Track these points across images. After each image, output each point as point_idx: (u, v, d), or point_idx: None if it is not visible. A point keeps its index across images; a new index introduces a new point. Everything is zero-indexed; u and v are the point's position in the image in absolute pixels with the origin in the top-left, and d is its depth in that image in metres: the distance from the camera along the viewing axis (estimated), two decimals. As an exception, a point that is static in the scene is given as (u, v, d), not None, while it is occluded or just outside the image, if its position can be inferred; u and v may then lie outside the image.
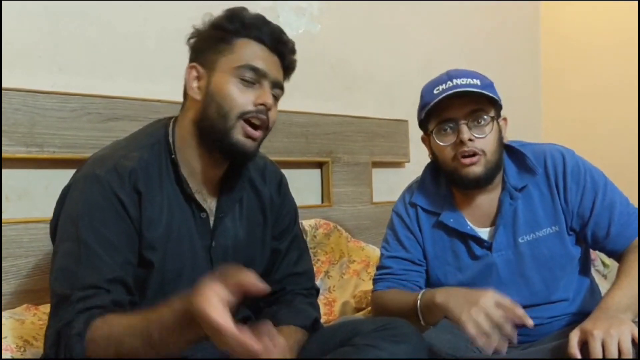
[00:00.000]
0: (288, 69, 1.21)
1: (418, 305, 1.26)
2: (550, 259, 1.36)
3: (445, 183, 1.44)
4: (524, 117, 3.19)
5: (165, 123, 1.20)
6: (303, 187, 2.23)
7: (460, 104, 1.31)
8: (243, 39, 1.14)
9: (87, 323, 0.97)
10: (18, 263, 1.49)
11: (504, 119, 1.40)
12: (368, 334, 1.11)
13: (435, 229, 1.43)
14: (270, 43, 1.16)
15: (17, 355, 1.24)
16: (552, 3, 3.44)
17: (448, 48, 2.86)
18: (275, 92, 1.17)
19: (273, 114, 1.16)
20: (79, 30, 1.69)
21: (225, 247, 1.20)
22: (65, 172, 1.44)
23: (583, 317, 1.19)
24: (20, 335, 1.29)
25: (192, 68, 1.17)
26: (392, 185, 2.50)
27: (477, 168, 1.32)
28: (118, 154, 1.12)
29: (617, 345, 1.05)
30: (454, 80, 1.31)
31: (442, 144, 1.34)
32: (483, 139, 1.32)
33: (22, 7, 1.58)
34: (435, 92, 1.32)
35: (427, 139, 1.42)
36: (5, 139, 1.49)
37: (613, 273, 1.50)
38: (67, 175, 1.17)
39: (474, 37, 3.05)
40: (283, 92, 1.20)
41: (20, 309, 1.41)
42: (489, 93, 1.31)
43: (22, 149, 1.52)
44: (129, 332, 0.94)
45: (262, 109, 1.13)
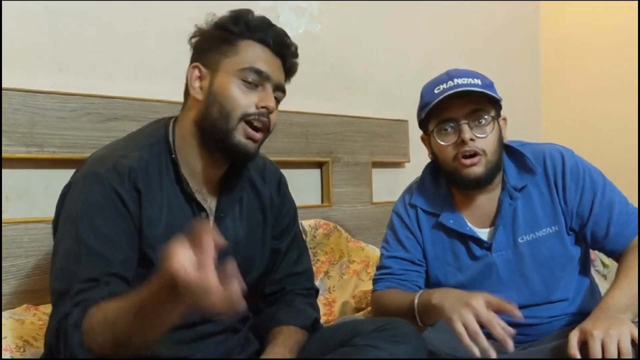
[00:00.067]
0: (290, 72, 1.22)
1: (415, 306, 1.26)
2: (550, 259, 1.36)
3: (445, 183, 1.44)
4: (524, 117, 3.19)
5: (165, 123, 1.20)
6: (303, 187, 2.23)
7: (461, 104, 1.31)
8: (247, 41, 1.15)
9: (83, 312, 0.97)
10: (18, 263, 1.49)
11: (504, 119, 1.40)
12: (368, 334, 1.11)
13: (435, 230, 1.43)
14: (274, 46, 1.16)
15: (16, 356, 1.24)
16: (552, 3, 3.44)
17: (448, 48, 2.85)
18: (277, 94, 1.18)
19: (274, 117, 1.16)
20: (79, 30, 1.69)
21: (225, 246, 1.20)
22: (65, 172, 1.44)
23: (583, 317, 1.20)
24: (20, 336, 1.29)
25: (194, 68, 1.17)
26: (392, 186, 2.50)
27: (477, 168, 1.32)
28: (117, 154, 1.12)
29: (616, 346, 1.06)
30: (455, 80, 1.31)
31: (443, 144, 1.34)
32: (484, 139, 1.32)
33: (22, 7, 1.58)
34: (436, 91, 1.32)
35: (427, 139, 1.42)
36: (5, 139, 1.49)
37: (613, 273, 1.50)
38: (67, 175, 1.17)
39: (474, 37, 3.05)
40: (285, 94, 1.20)
41: (20, 309, 1.41)
42: (491, 92, 1.31)
43: (22, 149, 1.52)
44: (122, 310, 0.93)
45: (264, 112, 1.13)
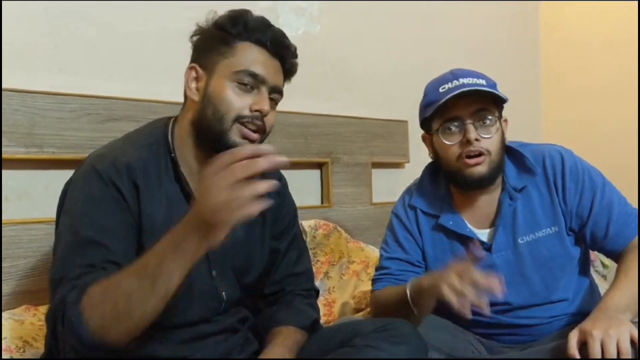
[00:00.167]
0: (289, 73, 1.22)
1: (408, 292, 1.25)
2: (550, 259, 1.36)
3: (444, 184, 1.44)
4: (524, 117, 3.18)
5: (165, 122, 1.21)
6: (303, 187, 2.22)
7: (466, 104, 1.31)
8: (244, 42, 1.14)
9: (82, 291, 0.95)
10: (17, 264, 1.49)
11: (505, 120, 1.40)
12: (368, 335, 1.11)
13: (435, 231, 1.43)
14: (272, 47, 1.16)
15: (16, 356, 1.24)
16: (552, 3, 3.44)
17: (448, 48, 2.85)
18: (274, 96, 1.17)
19: (270, 119, 1.16)
20: (79, 31, 1.69)
21: (224, 246, 1.19)
22: (65, 172, 1.44)
23: (582, 317, 1.20)
24: (20, 336, 1.29)
25: (191, 69, 1.17)
26: (391, 186, 2.50)
27: (481, 168, 1.32)
28: (115, 153, 1.12)
29: (616, 346, 1.06)
30: (460, 80, 1.31)
31: (447, 143, 1.34)
32: (489, 139, 1.32)
33: (22, 7, 1.58)
34: (441, 90, 1.32)
35: (428, 138, 1.42)
36: (5, 140, 1.49)
37: (612, 273, 1.50)
38: (66, 176, 1.17)
39: (474, 37, 3.05)
40: (282, 96, 1.20)
41: (20, 310, 1.41)
42: (498, 93, 1.31)
43: (21, 150, 1.52)
44: (124, 276, 0.93)
45: (257, 115, 1.13)
